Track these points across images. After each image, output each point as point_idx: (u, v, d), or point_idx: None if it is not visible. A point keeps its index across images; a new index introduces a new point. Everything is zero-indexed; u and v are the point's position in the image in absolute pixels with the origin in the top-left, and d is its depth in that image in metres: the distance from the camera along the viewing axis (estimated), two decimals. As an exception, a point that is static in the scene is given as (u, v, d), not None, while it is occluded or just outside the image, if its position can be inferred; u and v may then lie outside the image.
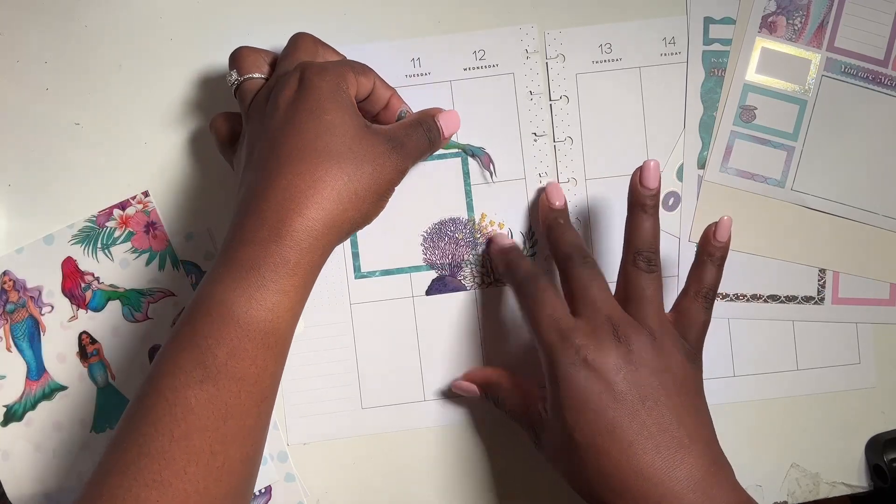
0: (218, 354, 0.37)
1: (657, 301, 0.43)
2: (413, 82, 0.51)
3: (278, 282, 0.38)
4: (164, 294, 0.51)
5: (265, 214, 0.38)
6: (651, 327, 0.42)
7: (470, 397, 0.50)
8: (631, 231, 0.45)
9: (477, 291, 0.52)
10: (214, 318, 0.37)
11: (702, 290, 0.44)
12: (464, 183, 0.52)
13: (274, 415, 0.50)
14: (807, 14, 0.52)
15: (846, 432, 0.52)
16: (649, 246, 0.44)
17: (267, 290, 0.38)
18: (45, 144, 0.51)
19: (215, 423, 0.37)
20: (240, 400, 0.38)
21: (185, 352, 0.37)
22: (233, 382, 0.37)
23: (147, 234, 0.51)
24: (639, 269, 0.44)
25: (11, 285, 0.51)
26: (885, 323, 0.52)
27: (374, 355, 0.51)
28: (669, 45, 0.52)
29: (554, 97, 0.52)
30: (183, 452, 0.36)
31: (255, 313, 0.38)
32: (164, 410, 0.36)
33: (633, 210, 0.45)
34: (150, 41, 0.51)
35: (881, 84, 0.52)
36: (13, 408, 0.51)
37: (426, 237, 0.52)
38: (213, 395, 0.37)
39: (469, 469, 0.52)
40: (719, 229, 0.44)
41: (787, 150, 0.52)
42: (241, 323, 0.37)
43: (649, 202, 0.44)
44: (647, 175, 0.44)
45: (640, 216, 0.44)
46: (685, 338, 0.43)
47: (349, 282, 0.51)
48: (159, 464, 0.35)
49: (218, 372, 0.37)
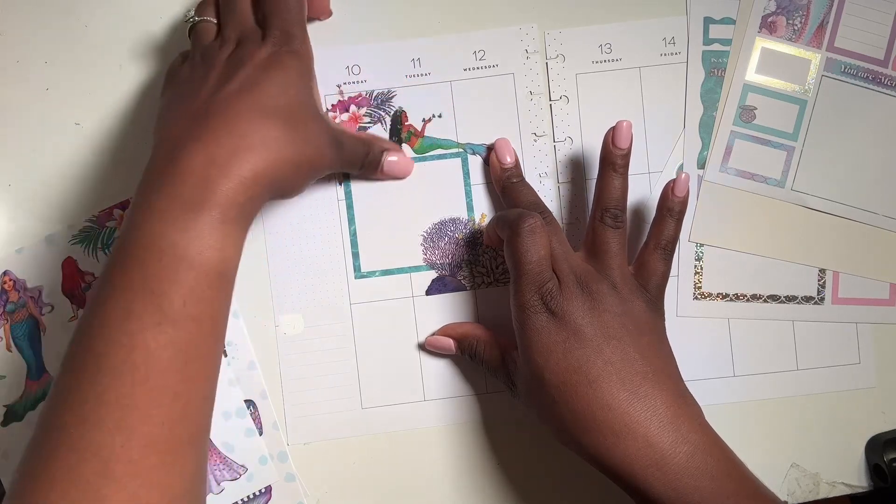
0: (174, 299, 0.37)
1: (621, 255, 0.45)
2: (413, 82, 0.52)
3: (229, 223, 0.38)
4: None
5: (215, 153, 0.38)
6: (613, 278, 0.44)
7: (447, 353, 0.51)
8: (600, 189, 0.46)
9: (477, 291, 0.52)
10: (166, 261, 0.37)
11: (661, 243, 0.46)
12: (464, 183, 0.52)
13: (274, 414, 0.51)
14: (807, 14, 0.52)
15: (846, 432, 0.52)
16: (616, 203, 0.46)
17: (218, 231, 0.38)
18: (45, 144, 0.51)
19: (176, 365, 0.37)
20: (199, 341, 0.38)
21: (137, 296, 0.36)
22: (191, 324, 0.37)
23: None
24: (605, 224, 0.45)
25: (12, 285, 0.51)
26: (884, 323, 0.52)
27: (374, 355, 0.51)
28: (669, 45, 0.52)
29: (554, 97, 0.52)
30: (145, 396, 0.36)
31: (209, 255, 0.38)
32: (121, 356, 0.36)
33: (604, 168, 0.47)
34: (150, 41, 0.51)
35: (881, 84, 0.52)
36: (14, 407, 0.50)
37: (426, 237, 0.52)
38: (172, 338, 0.36)
39: (469, 469, 0.52)
40: (677, 185, 0.46)
41: (787, 150, 0.52)
42: (195, 265, 0.37)
43: (619, 161, 0.46)
44: (620, 135, 0.46)
45: (610, 174, 0.46)
46: (646, 288, 0.45)
47: (349, 282, 0.51)
48: (122, 410, 0.35)
49: (176, 315, 0.37)
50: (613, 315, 0.43)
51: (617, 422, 0.40)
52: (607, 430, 0.40)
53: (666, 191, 0.47)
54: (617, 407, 0.40)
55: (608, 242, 0.45)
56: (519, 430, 0.51)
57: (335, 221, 0.51)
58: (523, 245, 0.43)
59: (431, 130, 0.52)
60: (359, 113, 0.51)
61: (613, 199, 0.46)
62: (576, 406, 0.41)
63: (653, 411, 0.40)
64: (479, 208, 0.52)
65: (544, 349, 0.42)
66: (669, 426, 0.40)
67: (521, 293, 0.43)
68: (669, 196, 0.46)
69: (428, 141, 0.52)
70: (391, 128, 0.51)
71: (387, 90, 0.51)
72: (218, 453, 0.50)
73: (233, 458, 0.51)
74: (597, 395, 0.41)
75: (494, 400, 0.51)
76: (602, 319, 0.42)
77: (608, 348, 0.42)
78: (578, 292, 0.43)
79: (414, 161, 0.51)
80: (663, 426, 0.40)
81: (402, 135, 0.51)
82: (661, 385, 0.42)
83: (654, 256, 0.46)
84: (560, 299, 0.42)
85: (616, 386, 0.41)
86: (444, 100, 0.51)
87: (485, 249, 0.51)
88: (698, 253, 0.52)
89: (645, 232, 0.49)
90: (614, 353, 0.42)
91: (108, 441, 0.35)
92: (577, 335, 0.42)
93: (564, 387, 0.41)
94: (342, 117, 0.51)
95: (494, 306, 0.52)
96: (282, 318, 0.51)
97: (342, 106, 0.51)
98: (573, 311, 0.42)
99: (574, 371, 0.41)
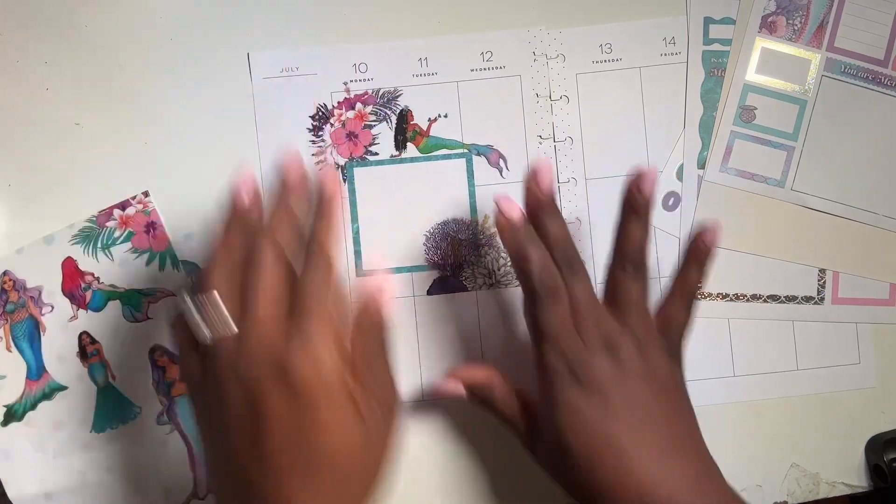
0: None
1: (643, 306, 0.43)
2: (420, 82, 0.52)
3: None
4: (164, 294, 0.51)
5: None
6: (637, 333, 0.42)
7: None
8: (621, 235, 0.44)
9: (478, 293, 0.52)
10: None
11: (685, 291, 0.44)
12: (468, 184, 0.52)
13: None
14: (806, 14, 0.52)
15: (846, 432, 0.52)
16: (638, 251, 0.43)
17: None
18: (45, 144, 0.51)
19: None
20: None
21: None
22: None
23: (147, 234, 0.51)
24: (626, 273, 0.43)
25: (11, 285, 0.51)
26: (884, 323, 0.52)
27: None
28: (669, 45, 0.52)
29: (554, 97, 0.52)
30: None
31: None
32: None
33: (626, 213, 0.44)
34: (150, 41, 0.51)
35: (881, 84, 0.52)
36: (13, 408, 0.50)
37: (429, 237, 0.52)
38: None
39: (468, 469, 0.52)
40: (706, 233, 0.45)
41: (787, 150, 0.52)
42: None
43: (642, 207, 0.44)
44: (643, 180, 0.43)
45: (632, 220, 0.44)
46: (668, 339, 0.43)
47: (351, 280, 0.51)
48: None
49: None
50: (640, 378, 0.41)
51: (645, 492, 0.39)
52: (635, 499, 0.39)
53: (697, 236, 0.45)
54: (648, 483, 0.39)
55: (630, 292, 0.43)
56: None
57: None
58: (545, 314, 0.41)
59: (437, 130, 0.52)
60: (364, 111, 0.52)
61: (635, 247, 0.43)
62: (602, 476, 0.40)
63: (682, 484, 0.40)
64: (482, 209, 0.52)
65: (571, 419, 0.41)
66: (695, 491, 0.39)
67: (546, 359, 0.42)
68: (697, 244, 0.45)
69: (433, 141, 0.52)
70: (396, 126, 0.52)
71: (393, 89, 0.52)
72: None
73: None
74: (624, 466, 0.40)
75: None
76: (627, 384, 0.41)
77: (636, 418, 0.40)
78: (604, 355, 0.41)
79: (413, 164, 0.51)
80: (689, 491, 0.39)
81: (408, 134, 0.52)
82: (685, 451, 0.41)
83: (678, 307, 0.44)
84: (586, 365, 0.41)
85: (645, 461, 0.40)
86: (450, 100, 0.52)
87: (486, 251, 0.51)
88: (698, 253, 0.52)
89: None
90: (643, 423, 0.40)
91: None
92: (605, 404, 0.41)
93: (591, 458, 0.40)
94: (348, 114, 0.52)
95: (496, 308, 0.52)
96: None
97: (348, 103, 0.52)
98: (600, 377, 0.41)
99: (602, 443, 0.40)
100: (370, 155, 0.52)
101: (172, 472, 0.51)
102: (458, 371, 0.48)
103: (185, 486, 0.51)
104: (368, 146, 0.52)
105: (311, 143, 0.51)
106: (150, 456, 0.51)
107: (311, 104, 0.51)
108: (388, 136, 0.52)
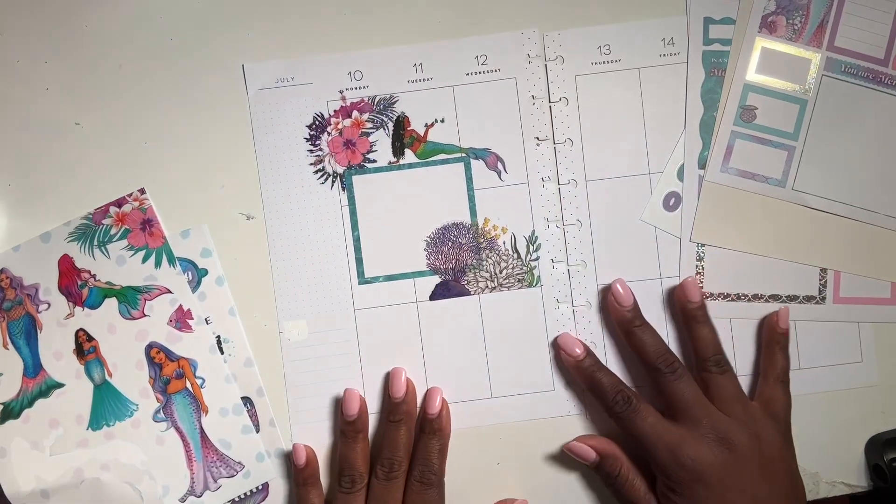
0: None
1: (742, 396, 0.48)
2: (415, 87, 0.52)
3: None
4: (160, 291, 0.51)
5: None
6: (747, 423, 0.46)
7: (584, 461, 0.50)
8: (695, 342, 0.49)
9: (481, 296, 0.52)
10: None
11: (779, 375, 0.49)
12: (466, 188, 0.52)
13: (271, 412, 0.51)
14: (806, 14, 0.52)
15: (846, 432, 0.52)
16: (714, 350, 0.49)
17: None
18: (45, 144, 0.51)
19: None
20: None
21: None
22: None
23: (143, 231, 0.51)
24: (712, 373, 0.48)
25: (8, 283, 0.51)
26: (886, 322, 0.52)
27: (379, 360, 0.51)
28: (668, 46, 0.52)
29: (553, 99, 0.52)
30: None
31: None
32: None
33: (688, 323, 0.50)
34: (150, 41, 0.51)
35: (881, 83, 0.52)
36: (10, 405, 0.51)
37: (429, 242, 0.52)
38: None
39: (473, 475, 0.51)
40: (780, 319, 0.50)
41: (788, 149, 0.52)
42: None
43: (699, 313, 0.49)
44: (689, 291, 0.49)
45: (696, 327, 0.49)
46: (776, 420, 0.48)
47: (353, 287, 0.51)
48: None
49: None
50: (756, 467, 0.45)
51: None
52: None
53: (771, 324, 0.50)
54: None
55: (725, 388, 0.48)
56: (518, 442, 0.52)
57: (338, 227, 0.51)
58: (636, 428, 0.47)
59: (434, 135, 0.52)
60: (361, 119, 0.52)
61: (710, 348, 0.49)
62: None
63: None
64: (482, 213, 0.52)
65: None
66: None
67: (659, 465, 0.46)
68: (776, 329, 0.50)
69: (430, 146, 0.52)
70: (393, 133, 0.52)
71: (389, 95, 0.52)
72: (215, 450, 0.51)
73: (230, 455, 0.51)
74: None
75: (495, 406, 0.51)
76: (746, 476, 0.45)
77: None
78: (720, 450, 0.45)
79: (411, 169, 0.51)
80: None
81: (405, 140, 0.52)
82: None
83: (777, 390, 0.49)
84: (704, 462, 0.45)
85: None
86: (446, 105, 0.52)
87: (487, 254, 0.52)
88: (700, 253, 0.52)
89: (648, 230, 0.50)
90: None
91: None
92: (723, 498, 0.45)
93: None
94: (344, 123, 0.51)
95: (499, 311, 0.52)
96: (286, 325, 0.51)
97: (344, 112, 0.52)
98: (718, 473, 0.45)
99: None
100: (368, 162, 0.52)
101: (169, 470, 0.51)
102: (587, 439, 0.51)
103: (182, 484, 0.51)
104: (366, 154, 0.52)
105: (309, 153, 0.52)
106: (146, 453, 0.51)
107: (307, 114, 0.52)
108: (385, 143, 0.52)
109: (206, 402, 0.51)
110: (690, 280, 0.50)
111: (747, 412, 0.47)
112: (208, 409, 0.51)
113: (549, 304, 0.52)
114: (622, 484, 0.48)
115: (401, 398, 0.49)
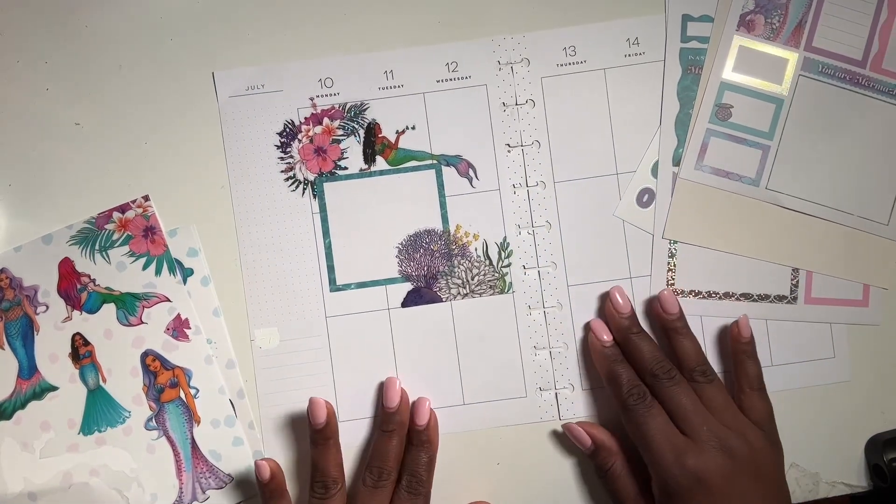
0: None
1: (731, 404, 0.48)
2: (386, 94, 0.52)
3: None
4: (159, 299, 0.51)
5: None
6: (741, 430, 0.47)
7: (581, 445, 0.51)
8: (677, 353, 0.50)
9: (453, 303, 0.52)
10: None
11: (753, 383, 0.50)
12: (438, 194, 0.52)
13: (250, 414, 0.51)
14: (785, 13, 0.51)
15: (845, 432, 0.52)
16: (698, 360, 0.49)
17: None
18: (45, 144, 0.51)
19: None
20: None
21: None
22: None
23: (146, 238, 0.51)
24: (700, 383, 0.48)
25: (8, 283, 0.51)
26: (857, 324, 0.52)
27: (351, 368, 0.51)
28: (633, 46, 0.52)
29: (520, 101, 0.52)
30: None
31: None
32: None
33: (669, 335, 0.50)
34: (150, 41, 0.52)
35: (858, 85, 0.51)
36: (3, 405, 0.50)
37: (401, 249, 0.52)
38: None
39: (445, 480, 0.51)
40: (741, 328, 0.50)
41: (763, 148, 0.52)
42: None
43: (679, 324, 0.50)
44: (667, 303, 0.50)
45: (677, 339, 0.50)
46: (760, 426, 0.48)
47: (324, 295, 0.52)
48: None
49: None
50: (751, 476, 0.46)
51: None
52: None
53: (734, 335, 0.50)
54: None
55: (714, 398, 0.48)
56: (504, 442, 0.52)
57: (310, 234, 0.52)
58: (642, 426, 0.47)
59: (405, 142, 0.52)
60: (332, 126, 0.52)
61: (693, 358, 0.49)
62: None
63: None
64: (453, 219, 0.52)
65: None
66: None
67: (661, 468, 0.46)
68: (740, 340, 0.50)
69: (402, 153, 0.52)
70: (364, 140, 0.52)
71: (360, 102, 0.52)
72: (205, 461, 0.51)
73: (219, 466, 0.51)
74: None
75: (467, 412, 0.52)
76: (742, 483, 0.45)
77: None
78: (721, 456, 0.46)
79: (382, 176, 0.52)
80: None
81: (376, 147, 0.52)
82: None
83: (754, 398, 0.49)
84: (706, 469, 0.45)
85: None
86: (417, 112, 0.52)
87: (459, 261, 0.52)
88: (671, 250, 0.52)
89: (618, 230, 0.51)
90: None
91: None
92: (722, 500, 0.45)
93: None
94: (315, 130, 0.52)
95: (471, 318, 0.52)
96: (257, 332, 0.51)
97: (315, 119, 0.52)
98: (718, 479, 0.45)
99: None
100: (339, 169, 0.52)
101: (158, 478, 0.50)
102: (587, 425, 0.51)
103: (171, 493, 0.51)
104: (337, 161, 0.52)
105: (280, 160, 0.52)
106: (136, 461, 0.51)
107: (278, 121, 0.52)
108: (356, 150, 0.52)
109: (198, 412, 0.51)
110: (667, 293, 0.50)
111: (737, 420, 0.47)
112: (200, 420, 0.51)
113: (521, 310, 0.52)
114: (613, 478, 0.49)
115: (394, 409, 0.49)
